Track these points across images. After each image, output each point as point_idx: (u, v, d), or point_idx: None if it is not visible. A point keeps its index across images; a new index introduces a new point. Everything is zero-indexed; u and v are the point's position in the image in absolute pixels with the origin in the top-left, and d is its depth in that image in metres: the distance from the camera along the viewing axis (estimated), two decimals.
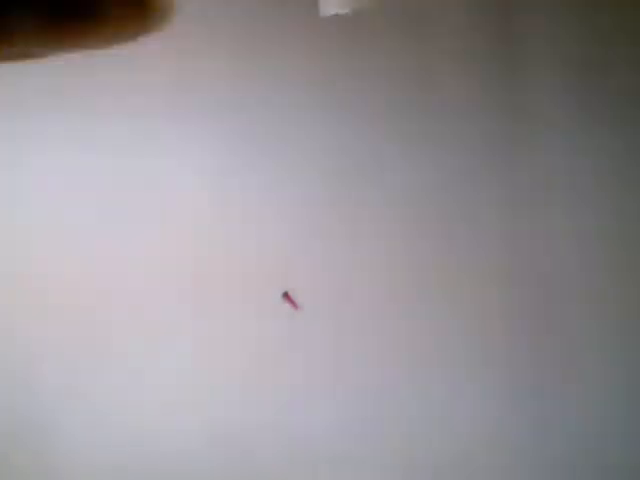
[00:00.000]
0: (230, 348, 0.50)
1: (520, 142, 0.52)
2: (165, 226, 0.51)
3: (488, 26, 0.53)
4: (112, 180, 0.52)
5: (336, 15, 0.50)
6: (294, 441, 0.50)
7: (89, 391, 0.50)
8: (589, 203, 0.52)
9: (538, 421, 0.50)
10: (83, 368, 0.50)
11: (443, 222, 0.51)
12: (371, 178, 0.52)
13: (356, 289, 0.51)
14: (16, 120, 0.52)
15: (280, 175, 0.53)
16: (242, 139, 0.52)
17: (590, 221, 0.52)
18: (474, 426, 0.50)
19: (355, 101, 0.52)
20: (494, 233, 0.51)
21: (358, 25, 0.50)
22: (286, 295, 0.51)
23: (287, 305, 0.50)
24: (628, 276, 0.51)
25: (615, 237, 0.51)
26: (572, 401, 0.50)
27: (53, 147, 0.52)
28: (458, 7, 0.53)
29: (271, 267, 0.51)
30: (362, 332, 0.51)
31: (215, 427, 0.50)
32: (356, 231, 0.51)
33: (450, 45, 0.53)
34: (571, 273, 0.51)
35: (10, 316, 0.50)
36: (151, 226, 0.51)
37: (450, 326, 0.51)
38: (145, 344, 0.50)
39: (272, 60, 0.52)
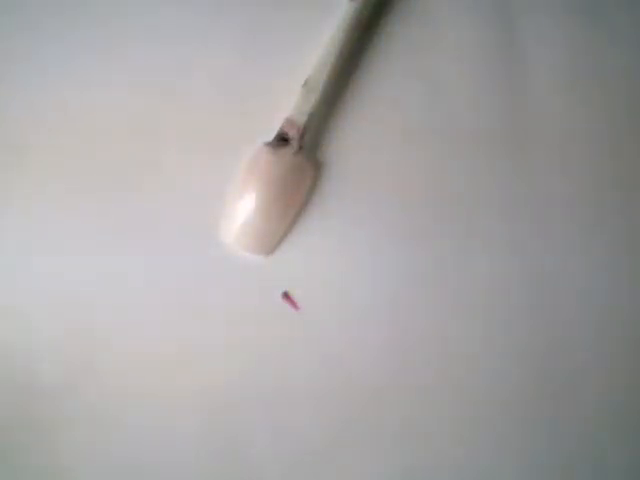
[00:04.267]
0: (230, 349, 0.50)
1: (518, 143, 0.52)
2: (162, 223, 0.51)
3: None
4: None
5: None
6: (294, 442, 0.50)
7: (89, 392, 0.50)
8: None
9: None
10: (83, 369, 0.50)
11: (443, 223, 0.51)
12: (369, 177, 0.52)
13: (356, 290, 0.51)
14: None
15: None
16: None
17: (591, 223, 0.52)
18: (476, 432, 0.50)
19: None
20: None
21: None
22: (286, 295, 0.51)
23: (287, 305, 0.51)
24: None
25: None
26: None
27: None
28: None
29: (270, 266, 0.51)
30: (362, 332, 0.51)
31: (215, 428, 0.50)
32: (357, 230, 0.51)
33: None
34: (574, 274, 0.51)
35: (10, 316, 0.50)
36: (146, 224, 0.51)
37: (451, 328, 0.51)
38: (145, 344, 0.50)
39: None
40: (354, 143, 0.52)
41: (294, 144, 0.51)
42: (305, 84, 0.51)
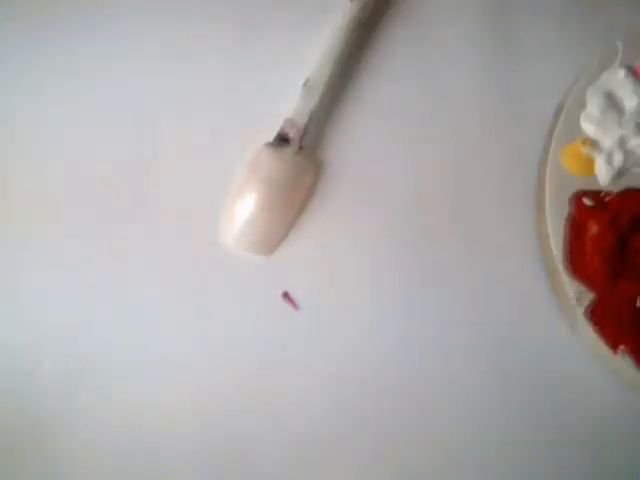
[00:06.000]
0: (230, 349, 0.50)
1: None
2: (162, 224, 0.51)
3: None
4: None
5: None
6: (294, 442, 0.50)
7: (89, 392, 0.50)
8: None
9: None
10: (83, 369, 0.50)
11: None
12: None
13: (356, 290, 0.51)
14: None
15: None
16: None
17: None
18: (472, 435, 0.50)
19: None
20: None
21: None
22: (286, 295, 0.51)
23: (287, 305, 0.51)
24: None
25: None
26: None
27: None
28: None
29: (270, 266, 0.51)
30: (362, 332, 0.51)
31: (215, 428, 0.50)
32: (357, 230, 0.52)
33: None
34: None
35: (11, 315, 0.51)
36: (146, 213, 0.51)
37: (452, 328, 0.51)
38: (144, 343, 0.50)
39: None
40: (354, 143, 0.52)
41: (294, 144, 0.51)
42: (305, 84, 0.51)
